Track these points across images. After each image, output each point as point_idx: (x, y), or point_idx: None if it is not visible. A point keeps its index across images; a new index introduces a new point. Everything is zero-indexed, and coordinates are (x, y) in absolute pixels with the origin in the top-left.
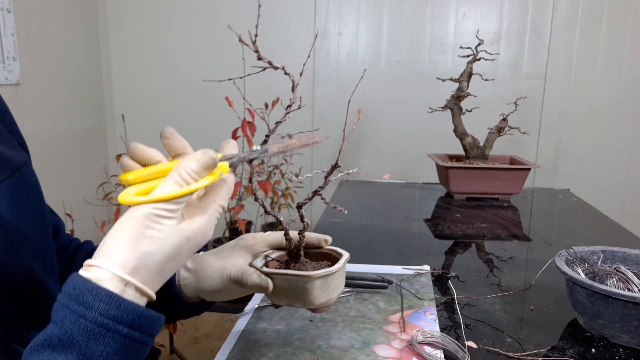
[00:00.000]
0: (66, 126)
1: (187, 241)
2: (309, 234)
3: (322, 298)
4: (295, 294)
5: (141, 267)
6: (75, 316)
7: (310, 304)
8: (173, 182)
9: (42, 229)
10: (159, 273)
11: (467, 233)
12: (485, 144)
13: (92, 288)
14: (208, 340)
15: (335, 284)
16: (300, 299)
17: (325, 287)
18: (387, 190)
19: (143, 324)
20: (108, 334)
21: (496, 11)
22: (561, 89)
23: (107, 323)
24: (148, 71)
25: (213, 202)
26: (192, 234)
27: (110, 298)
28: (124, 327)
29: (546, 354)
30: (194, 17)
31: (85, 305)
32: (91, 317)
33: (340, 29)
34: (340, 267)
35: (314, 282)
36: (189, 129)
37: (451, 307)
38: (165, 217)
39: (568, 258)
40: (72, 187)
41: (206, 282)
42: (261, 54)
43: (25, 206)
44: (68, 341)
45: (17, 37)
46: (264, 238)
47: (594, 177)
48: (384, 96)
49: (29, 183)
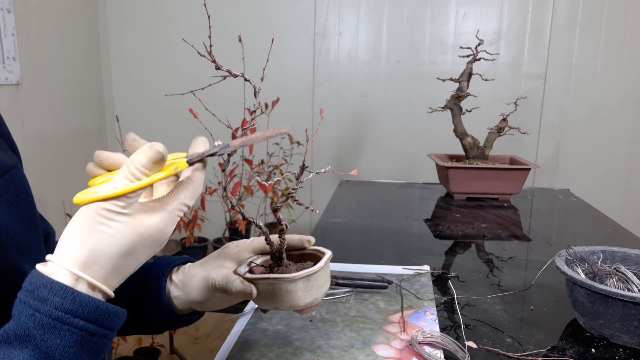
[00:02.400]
0: (66, 126)
1: (141, 238)
2: (292, 236)
3: (307, 299)
4: (280, 297)
5: (92, 263)
6: (30, 310)
7: (296, 305)
8: (123, 177)
9: (33, 231)
10: (113, 269)
11: (467, 233)
12: (485, 144)
13: (46, 282)
14: (208, 340)
15: (318, 283)
16: (285, 302)
17: (309, 288)
18: (387, 190)
19: (99, 317)
20: (63, 327)
21: (496, 11)
22: (561, 89)
23: (62, 316)
24: (148, 71)
25: (174, 200)
26: (147, 230)
27: (65, 291)
28: (79, 320)
29: (546, 354)
30: (194, 17)
31: (40, 299)
32: (46, 310)
33: (340, 29)
34: (321, 266)
35: (297, 283)
36: (189, 129)
37: (451, 307)
38: (116, 212)
39: (568, 258)
40: (72, 187)
41: (193, 294)
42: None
43: (14, 208)
44: (23, 336)
45: (17, 37)
46: (247, 245)
47: (594, 177)
48: (384, 96)
49: (19, 185)
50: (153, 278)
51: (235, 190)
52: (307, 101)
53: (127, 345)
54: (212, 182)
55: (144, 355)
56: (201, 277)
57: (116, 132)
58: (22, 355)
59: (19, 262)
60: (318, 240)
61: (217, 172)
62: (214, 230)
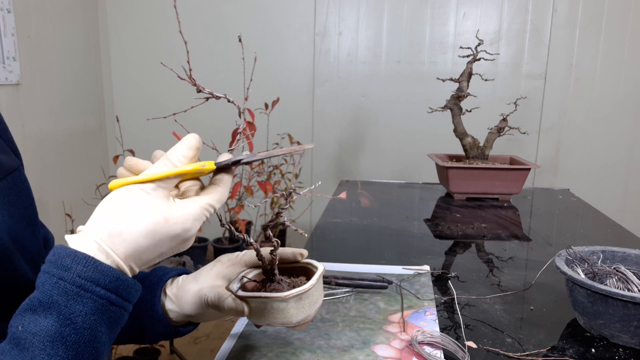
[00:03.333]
0: (66, 126)
1: (166, 222)
2: (285, 250)
3: (299, 316)
4: (272, 314)
5: (116, 235)
6: (54, 279)
7: (288, 322)
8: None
9: (33, 233)
10: (135, 249)
11: (467, 233)
12: (485, 144)
13: (70, 252)
14: (208, 340)
15: (310, 300)
16: (277, 319)
17: (301, 306)
18: (387, 190)
19: (120, 288)
20: (86, 295)
21: (496, 11)
22: (561, 89)
23: (85, 284)
24: (148, 72)
25: (205, 197)
26: (172, 215)
27: (87, 261)
28: (101, 288)
29: (546, 354)
30: (194, 18)
31: (64, 268)
32: (69, 278)
33: (340, 29)
34: (313, 284)
35: (288, 302)
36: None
37: (451, 307)
38: (146, 192)
39: (568, 258)
40: (72, 187)
41: (186, 308)
42: (200, 86)
43: (16, 210)
44: (48, 303)
45: (17, 37)
46: (239, 258)
47: (594, 177)
48: (384, 96)
49: (20, 188)
50: (148, 289)
51: (236, 190)
52: (307, 101)
53: (126, 345)
54: None
55: (144, 355)
56: (194, 292)
57: (116, 132)
58: (46, 321)
59: (20, 263)
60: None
61: None
62: (214, 230)
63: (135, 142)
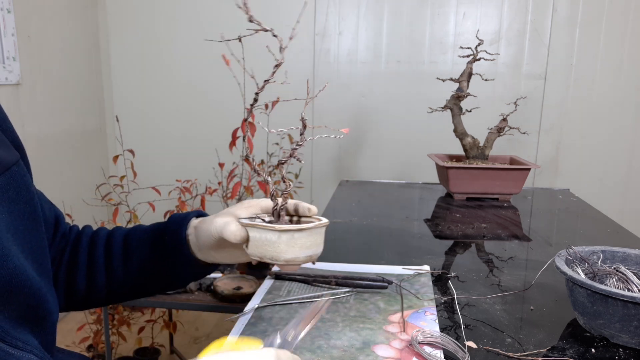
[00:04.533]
0: (66, 126)
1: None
2: (301, 203)
3: (288, 254)
4: (265, 246)
5: None
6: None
7: (277, 258)
8: None
9: (35, 229)
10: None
11: (467, 233)
12: (485, 144)
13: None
14: (208, 340)
15: (302, 242)
16: (268, 252)
17: (292, 244)
18: (387, 190)
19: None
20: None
21: (496, 11)
22: (561, 89)
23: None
24: (148, 72)
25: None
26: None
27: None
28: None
29: (546, 354)
30: (194, 18)
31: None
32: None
33: (340, 29)
34: (308, 227)
35: (281, 236)
36: (189, 130)
37: (451, 307)
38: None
39: (568, 258)
40: (72, 187)
41: (201, 238)
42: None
43: (16, 206)
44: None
45: (17, 37)
46: (257, 202)
47: (594, 177)
48: (384, 96)
49: (20, 182)
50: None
51: (236, 190)
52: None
53: (127, 345)
54: (212, 182)
55: (144, 355)
56: (210, 222)
57: (116, 132)
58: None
59: (19, 261)
60: None
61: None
62: None
63: (135, 142)
